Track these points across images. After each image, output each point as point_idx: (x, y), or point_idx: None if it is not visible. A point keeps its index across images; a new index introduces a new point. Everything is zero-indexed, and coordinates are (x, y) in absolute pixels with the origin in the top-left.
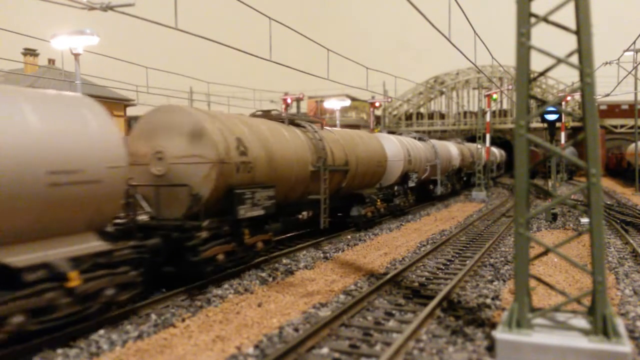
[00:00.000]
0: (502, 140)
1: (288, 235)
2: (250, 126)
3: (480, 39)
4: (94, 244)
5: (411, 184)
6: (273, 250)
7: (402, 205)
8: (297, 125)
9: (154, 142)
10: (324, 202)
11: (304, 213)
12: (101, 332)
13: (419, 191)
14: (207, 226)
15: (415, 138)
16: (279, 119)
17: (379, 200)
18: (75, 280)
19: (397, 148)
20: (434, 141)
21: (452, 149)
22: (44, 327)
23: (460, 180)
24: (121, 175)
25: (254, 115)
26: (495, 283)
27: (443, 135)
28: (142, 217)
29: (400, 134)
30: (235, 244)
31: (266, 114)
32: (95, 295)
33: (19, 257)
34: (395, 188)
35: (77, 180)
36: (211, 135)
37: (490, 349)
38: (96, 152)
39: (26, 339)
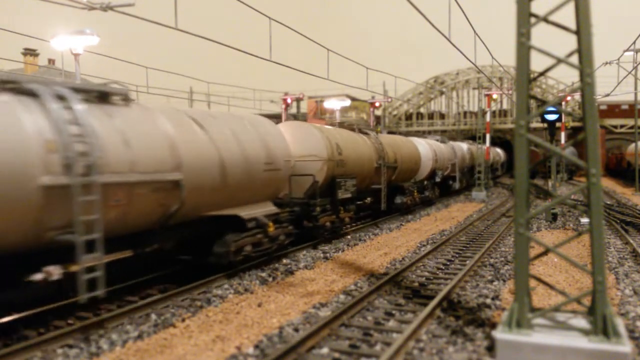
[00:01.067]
0: (502, 140)
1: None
2: (340, 133)
3: (480, 39)
4: (273, 208)
5: (437, 179)
6: (353, 225)
7: (431, 196)
8: (364, 133)
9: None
10: (384, 190)
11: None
12: (101, 332)
13: (441, 186)
14: (320, 203)
15: (437, 141)
16: (350, 127)
17: (415, 191)
18: (271, 227)
19: (427, 149)
20: (452, 143)
21: (465, 149)
22: (257, 254)
23: (472, 176)
24: (289, 165)
25: (331, 124)
26: (495, 283)
27: (443, 135)
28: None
29: (425, 137)
30: (335, 217)
31: (342, 124)
32: (276, 238)
33: (244, 213)
34: (425, 182)
35: (272, 168)
36: (322, 141)
37: (490, 349)
38: (279, 150)
39: (24, 338)
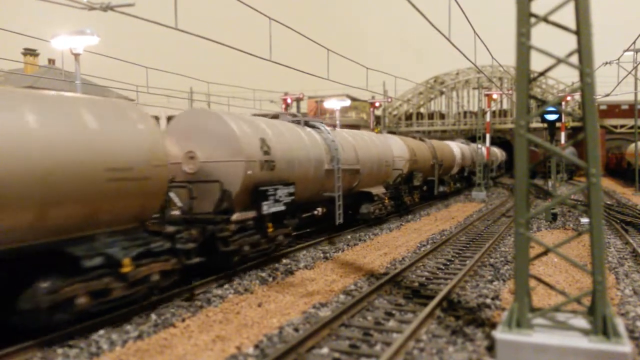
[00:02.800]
0: (502, 140)
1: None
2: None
3: (480, 39)
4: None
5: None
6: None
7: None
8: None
9: None
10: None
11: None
12: (101, 332)
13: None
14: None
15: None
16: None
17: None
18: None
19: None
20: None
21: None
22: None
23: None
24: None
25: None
26: (495, 283)
27: (443, 135)
28: None
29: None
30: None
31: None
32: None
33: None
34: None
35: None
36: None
37: (490, 349)
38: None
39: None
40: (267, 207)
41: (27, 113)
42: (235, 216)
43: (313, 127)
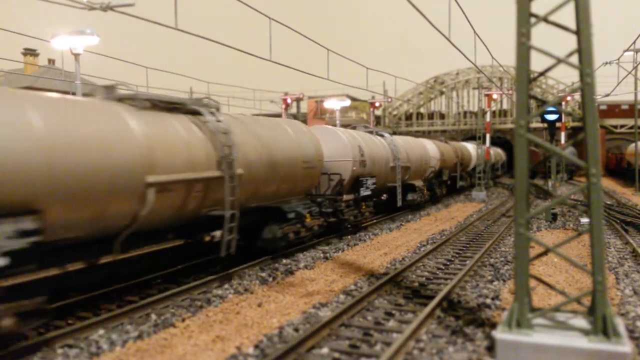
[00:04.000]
0: (502, 140)
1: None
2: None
3: (480, 39)
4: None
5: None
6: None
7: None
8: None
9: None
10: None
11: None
12: (101, 332)
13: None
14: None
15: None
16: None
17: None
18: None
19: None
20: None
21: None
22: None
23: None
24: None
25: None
26: (495, 283)
27: (443, 135)
28: None
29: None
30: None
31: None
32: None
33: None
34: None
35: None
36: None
37: (490, 349)
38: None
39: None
40: (362, 192)
41: (258, 128)
42: (344, 197)
43: (381, 135)
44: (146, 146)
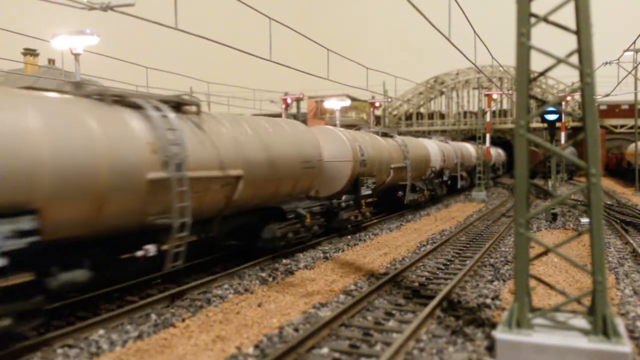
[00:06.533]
0: (502, 140)
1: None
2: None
3: (480, 39)
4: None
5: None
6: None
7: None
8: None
9: None
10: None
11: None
12: (101, 332)
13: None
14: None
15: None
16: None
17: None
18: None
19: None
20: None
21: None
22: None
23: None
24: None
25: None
26: (495, 283)
27: (443, 135)
28: None
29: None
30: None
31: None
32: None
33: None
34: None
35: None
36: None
37: (490, 349)
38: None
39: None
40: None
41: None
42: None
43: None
44: (398, 150)
